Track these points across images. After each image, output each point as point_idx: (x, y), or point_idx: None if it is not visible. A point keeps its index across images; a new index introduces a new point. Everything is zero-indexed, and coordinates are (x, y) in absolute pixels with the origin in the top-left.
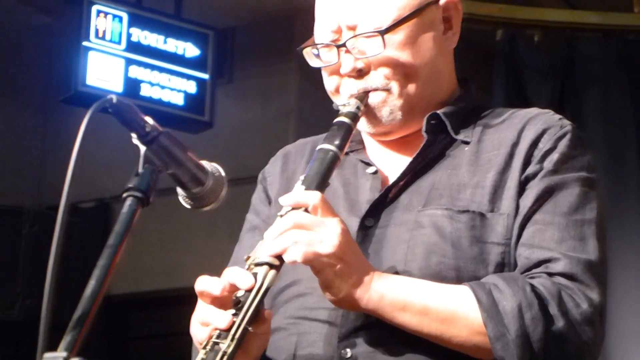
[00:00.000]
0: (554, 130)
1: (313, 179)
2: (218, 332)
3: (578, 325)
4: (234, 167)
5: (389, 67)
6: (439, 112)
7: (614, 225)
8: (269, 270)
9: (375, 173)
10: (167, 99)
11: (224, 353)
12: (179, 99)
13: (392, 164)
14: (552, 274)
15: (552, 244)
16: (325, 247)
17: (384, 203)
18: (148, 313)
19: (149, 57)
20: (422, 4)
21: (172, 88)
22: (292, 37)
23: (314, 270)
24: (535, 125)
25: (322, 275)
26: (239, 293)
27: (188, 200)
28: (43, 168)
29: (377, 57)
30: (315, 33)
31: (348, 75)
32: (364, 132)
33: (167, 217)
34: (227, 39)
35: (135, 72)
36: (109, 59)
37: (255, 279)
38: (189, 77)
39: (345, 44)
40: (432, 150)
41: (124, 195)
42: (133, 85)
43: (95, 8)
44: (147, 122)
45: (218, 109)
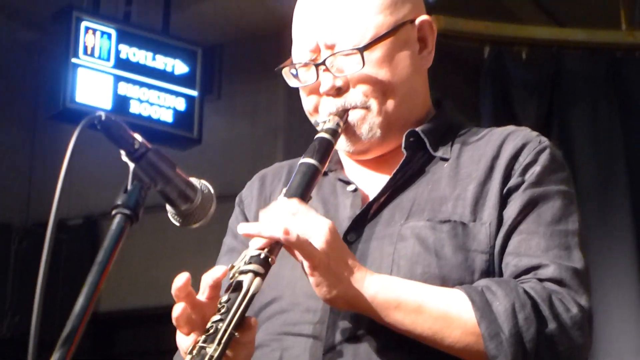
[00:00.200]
0: (533, 145)
1: (295, 191)
2: (204, 337)
3: (569, 329)
4: (223, 183)
5: (368, 84)
6: (418, 129)
7: (602, 242)
8: (255, 278)
9: (355, 191)
10: (156, 116)
11: (211, 357)
12: (168, 116)
13: (371, 182)
14: (541, 280)
15: (538, 252)
16: (317, 242)
17: (366, 218)
18: (136, 330)
19: (138, 74)
20: (398, 23)
21: (161, 105)
22: (279, 53)
23: (310, 265)
24: (514, 140)
25: (314, 273)
26: (224, 299)
27: (177, 217)
28: (31, 185)
29: (356, 74)
30: (294, 53)
31: (327, 94)
32: (343, 151)
33: (155, 234)
34: (215, 56)
35: (124, 89)
36: (98, 76)
37: (241, 286)
38: (178, 94)
39: (325, 62)
40: (411, 167)
41: (113, 212)
42: (122, 102)
43: (84, 25)
44: (135, 138)
45: (206, 126)
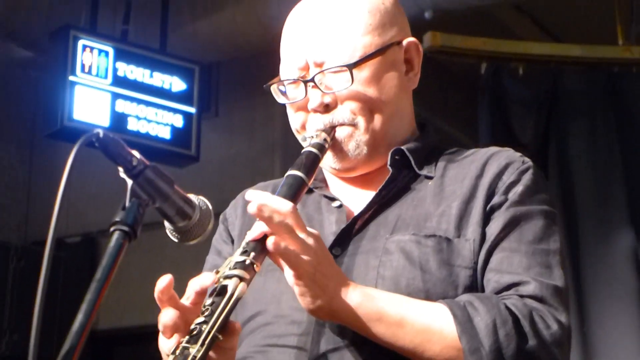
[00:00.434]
0: (517, 165)
1: None
2: (187, 337)
3: (549, 346)
4: (220, 200)
5: (356, 101)
6: (403, 147)
7: (601, 258)
8: (239, 282)
9: (340, 207)
10: (154, 133)
11: (194, 357)
12: (166, 133)
13: (356, 199)
14: (522, 296)
15: (520, 270)
16: (304, 252)
17: (351, 233)
18: (134, 347)
19: (136, 91)
20: (385, 44)
21: (158, 122)
22: (276, 71)
23: (295, 274)
24: (498, 160)
25: (299, 283)
26: (208, 302)
27: (175, 234)
28: (29, 203)
29: (344, 91)
30: (282, 71)
31: (315, 110)
32: (328, 168)
33: (153, 251)
34: (212, 73)
35: (122, 106)
36: (96, 94)
37: (226, 290)
38: (176, 111)
39: (314, 79)
40: (396, 184)
41: (111, 229)
42: (120, 120)
43: (81, 43)
44: (133, 155)
45: (204, 143)
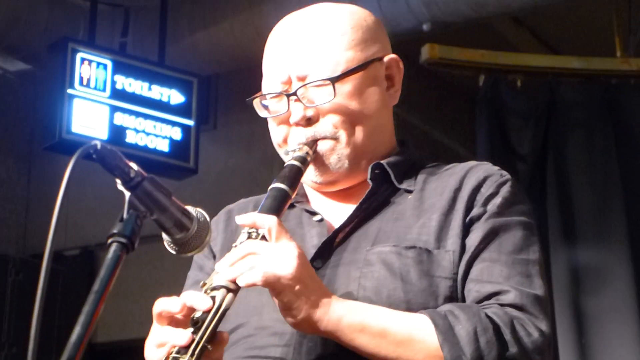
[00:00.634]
0: (495, 178)
1: (266, 214)
2: (177, 348)
3: (530, 353)
4: (218, 213)
5: (338, 115)
6: (383, 162)
7: (599, 269)
8: (227, 293)
9: (322, 221)
10: (152, 146)
11: None
12: (164, 146)
13: (337, 213)
14: (503, 305)
15: (500, 279)
16: (284, 269)
17: (332, 246)
18: None
19: (134, 104)
20: (367, 59)
21: (157, 135)
22: None
23: (274, 293)
24: (477, 173)
25: (281, 297)
26: (197, 314)
27: (173, 246)
28: (28, 216)
29: (326, 105)
30: (264, 85)
31: (297, 124)
32: (310, 182)
33: (151, 264)
34: (211, 86)
35: (121, 119)
36: (94, 107)
37: (214, 301)
38: (174, 123)
39: (296, 93)
40: (377, 198)
41: (109, 241)
42: (118, 133)
43: (80, 56)
44: (131, 167)
45: (203, 155)
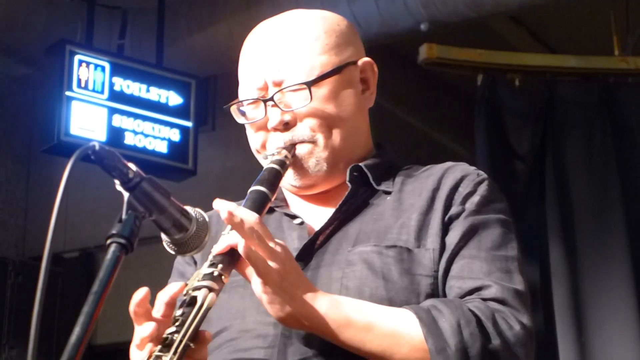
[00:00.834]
0: (472, 177)
1: None
2: (160, 347)
3: (512, 346)
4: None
5: (315, 118)
6: (361, 164)
7: (598, 268)
8: (209, 293)
9: (302, 224)
10: (151, 148)
11: None
12: (163, 147)
13: (317, 216)
14: (485, 299)
15: (481, 275)
16: (271, 261)
17: (313, 248)
18: None
19: (132, 106)
20: (342, 62)
21: (155, 136)
22: None
23: (263, 282)
24: (454, 173)
25: (267, 289)
26: (178, 313)
27: (172, 246)
28: (27, 218)
29: (303, 109)
30: (241, 92)
31: (275, 129)
32: (288, 186)
33: (151, 265)
34: (209, 87)
35: (119, 121)
36: (92, 109)
37: (196, 300)
38: (172, 125)
39: (273, 98)
40: (356, 200)
41: (107, 242)
42: (117, 134)
43: (77, 58)
44: (130, 168)
45: (201, 157)
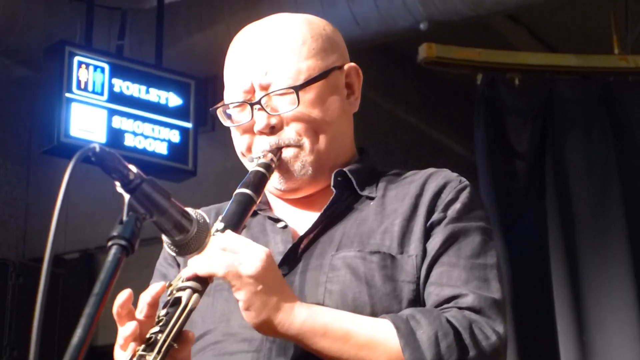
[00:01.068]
0: (454, 184)
1: (231, 218)
2: (144, 346)
3: (488, 356)
4: None
5: (301, 123)
6: (345, 169)
7: (598, 267)
8: (193, 294)
9: (285, 227)
10: (151, 149)
11: None
12: (163, 148)
13: (300, 220)
14: (461, 308)
15: (459, 283)
16: (247, 267)
17: (297, 252)
18: None
19: (132, 107)
20: (328, 67)
21: (155, 137)
22: None
23: (234, 290)
24: (437, 180)
25: (241, 295)
26: (162, 312)
27: (172, 247)
28: (27, 220)
29: (290, 113)
30: (226, 94)
31: (261, 132)
32: (273, 189)
33: (151, 266)
34: (208, 88)
35: (118, 122)
36: (92, 110)
37: (180, 301)
38: (172, 126)
39: (260, 102)
40: (340, 205)
41: (109, 244)
42: (116, 136)
43: (77, 59)
44: (130, 169)
45: (201, 157)
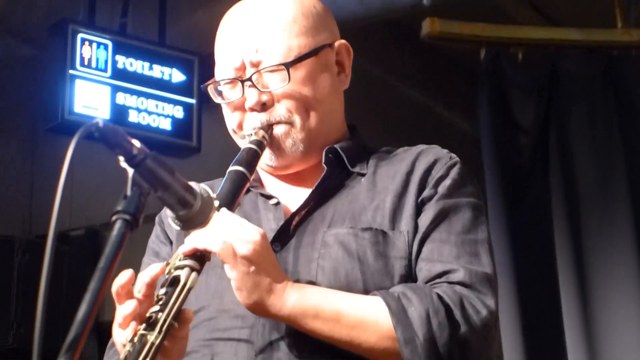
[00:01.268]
0: (445, 160)
1: (226, 196)
2: (144, 325)
3: (479, 330)
4: None
5: (292, 100)
6: (336, 146)
7: (603, 244)
8: (191, 272)
9: (278, 204)
10: (155, 125)
11: (152, 344)
12: (167, 125)
13: (292, 196)
14: (452, 283)
15: (450, 259)
16: (242, 248)
17: (289, 229)
18: None
19: (135, 83)
20: (319, 45)
21: (159, 114)
22: None
23: (228, 268)
24: (427, 156)
25: (234, 274)
26: (162, 292)
27: (177, 222)
28: (32, 197)
29: (280, 90)
30: (217, 71)
31: (252, 109)
32: (264, 166)
33: None
34: (212, 64)
35: (122, 98)
36: (95, 87)
37: (179, 280)
38: (176, 102)
39: (251, 78)
40: (331, 182)
41: (113, 219)
42: (120, 112)
43: (80, 36)
44: (134, 144)
45: (205, 134)
